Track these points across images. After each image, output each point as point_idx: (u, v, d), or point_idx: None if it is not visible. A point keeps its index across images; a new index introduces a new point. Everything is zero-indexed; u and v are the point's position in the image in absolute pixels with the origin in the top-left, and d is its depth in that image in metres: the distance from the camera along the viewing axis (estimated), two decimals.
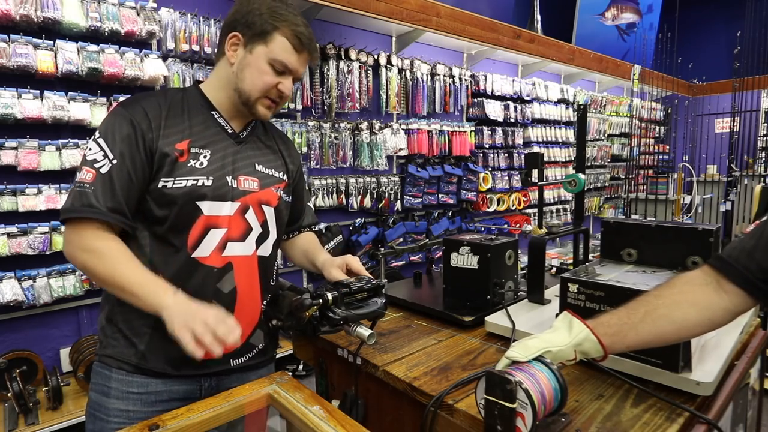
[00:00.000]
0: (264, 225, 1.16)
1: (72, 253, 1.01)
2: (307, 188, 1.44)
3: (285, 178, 1.24)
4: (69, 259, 1.02)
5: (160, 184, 1.04)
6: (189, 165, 1.06)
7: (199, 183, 1.06)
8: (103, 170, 1.00)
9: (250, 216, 1.13)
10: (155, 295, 0.95)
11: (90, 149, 1.02)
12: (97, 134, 1.03)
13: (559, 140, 5.35)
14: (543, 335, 0.85)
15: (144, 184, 1.04)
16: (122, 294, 0.98)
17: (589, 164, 5.95)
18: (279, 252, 1.27)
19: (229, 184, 1.10)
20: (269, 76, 1.09)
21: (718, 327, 0.84)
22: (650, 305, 0.84)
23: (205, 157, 1.08)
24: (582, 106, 1.87)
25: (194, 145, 1.08)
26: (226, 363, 1.13)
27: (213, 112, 1.14)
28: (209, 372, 1.12)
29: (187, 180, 1.05)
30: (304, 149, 3.33)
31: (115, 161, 1.01)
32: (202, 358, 1.09)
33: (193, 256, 1.06)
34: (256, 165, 1.17)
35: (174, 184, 1.04)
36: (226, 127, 1.15)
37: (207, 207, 1.07)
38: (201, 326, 0.88)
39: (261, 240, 1.16)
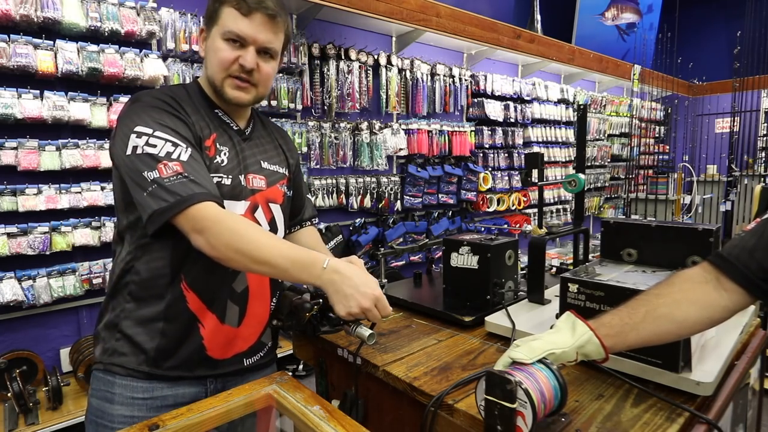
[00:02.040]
0: (272, 223, 1.16)
1: (215, 232, 0.91)
2: (305, 181, 1.43)
3: (287, 173, 1.23)
4: (212, 244, 0.91)
5: None
6: (216, 161, 1.04)
7: (222, 181, 1.04)
8: (184, 157, 0.95)
9: (259, 215, 1.12)
10: (311, 267, 0.95)
11: (154, 146, 0.94)
12: (147, 130, 0.95)
13: (559, 140, 5.35)
14: (546, 336, 0.84)
15: None
16: (273, 270, 0.95)
17: (589, 164, 5.95)
18: None
19: (242, 183, 1.09)
20: (225, 52, 1.03)
21: (717, 324, 0.85)
22: (651, 304, 0.84)
23: (225, 154, 1.07)
24: (582, 106, 1.87)
25: (218, 141, 1.06)
26: (240, 363, 1.12)
27: (216, 110, 1.12)
28: (223, 372, 1.10)
29: (212, 177, 1.01)
30: (304, 149, 3.33)
31: (189, 149, 0.96)
32: (216, 359, 1.07)
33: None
34: (262, 162, 1.16)
35: None
36: (232, 125, 1.13)
37: (225, 206, 1.02)
38: (367, 305, 0.93)
39: None
